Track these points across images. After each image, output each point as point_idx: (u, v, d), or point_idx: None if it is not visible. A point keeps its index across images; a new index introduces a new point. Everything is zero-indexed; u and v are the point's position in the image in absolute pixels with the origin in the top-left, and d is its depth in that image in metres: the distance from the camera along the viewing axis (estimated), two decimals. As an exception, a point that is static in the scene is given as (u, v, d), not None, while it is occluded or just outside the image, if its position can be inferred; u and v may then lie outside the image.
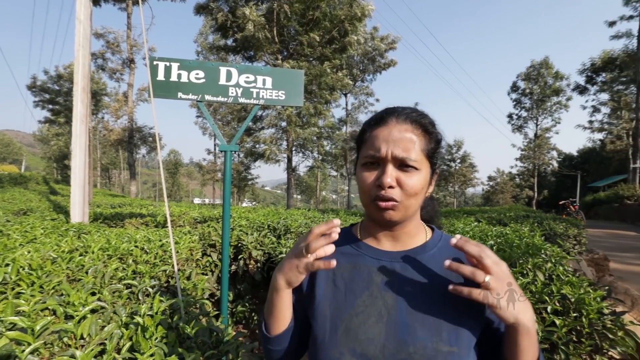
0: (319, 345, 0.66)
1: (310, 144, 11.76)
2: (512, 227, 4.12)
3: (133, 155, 16.68)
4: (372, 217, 0.70)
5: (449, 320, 0.63)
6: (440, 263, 0.67)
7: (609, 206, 17.85)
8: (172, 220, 4.25)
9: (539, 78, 31.81)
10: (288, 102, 2.85)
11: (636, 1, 20.91)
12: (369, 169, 0.67)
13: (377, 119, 0.69)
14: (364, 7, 10.18)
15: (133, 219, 4.15)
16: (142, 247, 2.40)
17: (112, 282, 1.77)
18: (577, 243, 4.67)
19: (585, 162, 36.45)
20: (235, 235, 3.38)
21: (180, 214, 4.82)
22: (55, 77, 25.32)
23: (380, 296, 0.66)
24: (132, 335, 1.25)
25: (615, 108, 26.60)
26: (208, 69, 2.68)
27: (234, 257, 3.29)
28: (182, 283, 2.04)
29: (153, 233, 2.83)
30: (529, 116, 33.39)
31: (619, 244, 8.54)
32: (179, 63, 2.65)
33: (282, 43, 10.43)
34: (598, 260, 4.88)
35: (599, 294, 1.80)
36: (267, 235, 3.65)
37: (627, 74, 24.28)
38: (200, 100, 2.66)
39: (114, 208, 5.92)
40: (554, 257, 2.46)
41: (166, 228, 3.73)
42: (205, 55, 25.98)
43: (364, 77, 24.68)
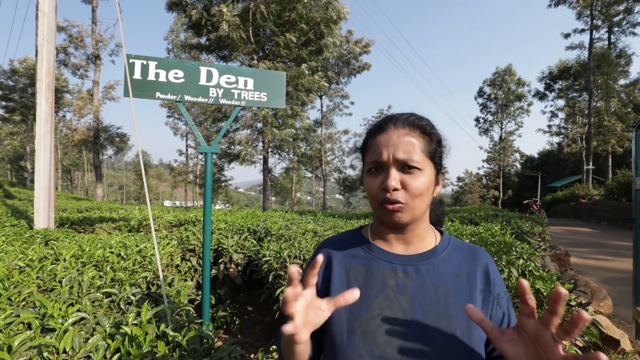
0: (337, 347, 0.66)
1: (287, 145, 11.69)
2: (484, 226, 4.31)
3: (99, 157, 15.83)
4: (382, 221, 0.71)
5: (461, 320, 0.65)
6: (450, 266, 0.70)
7: (566, 205, 19.11)
8: (146, 225, 4.08)
9: (503, 84, 33.60)
10: (270, 104, 2.84)
11: (587, 16, 22.63)
12: (374, 175, 0.69)
13: (377, 126, 0.72)
14: (339, 9, 10.28)
15: (104, 224, 3.95)
16: (118, 253, 2.29)
17: (90, 291, 1.68)
18: (541, 240, 4.97)
19: (544, 163, 38.90)
20: (215, 239, 3.31)
21: (155, 217, 4.64)
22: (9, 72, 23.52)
23: (395, 299, 0.67)
24: (118, 346, 1.20)
25: (571, 114, 28.52)
26: (188, 68, 2.61)
27: (214, 261, 3.21)
28: (165, 289, 1.96)
29: (129, 238, 2.71)
30: (495, 120, 35.13)
31: (577, 240, 9.17)
32: (157, 62, 2.56)
33: (257, 43, 10.30)
34: (560, 255, 5.22)
35: (567, 287, 1.93)
36: (247, 238, 3.60)
37: (580, 83, 26.18)
38: (180, 100, 2.58)
39: (82, 212, 5.59)
40: (524, 254, 2.61)
41: (141, 233, 3.58)
42: (176, 54, 25.16)
43: (339, 79, 24.91)
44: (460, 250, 0.74)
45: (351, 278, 0.71)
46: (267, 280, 2.71)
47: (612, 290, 4.37)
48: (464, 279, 0.69)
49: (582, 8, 22.43)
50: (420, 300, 0.67)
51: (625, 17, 22.66)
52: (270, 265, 2.58)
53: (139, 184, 51.33)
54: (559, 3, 22.95)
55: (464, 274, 0.70)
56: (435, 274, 0.69)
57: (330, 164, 27.67)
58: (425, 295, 0.67)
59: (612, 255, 6.96)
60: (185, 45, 13.24)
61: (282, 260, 2.60)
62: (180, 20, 21.65)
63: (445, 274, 0.70)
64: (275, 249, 2.74)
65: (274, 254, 2.67)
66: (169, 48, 26.48)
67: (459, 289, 0.68)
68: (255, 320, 3.48)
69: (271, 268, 2.57)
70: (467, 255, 0.73)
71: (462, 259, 0.72)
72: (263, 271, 2.62)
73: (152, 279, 2.08)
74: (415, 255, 0.72)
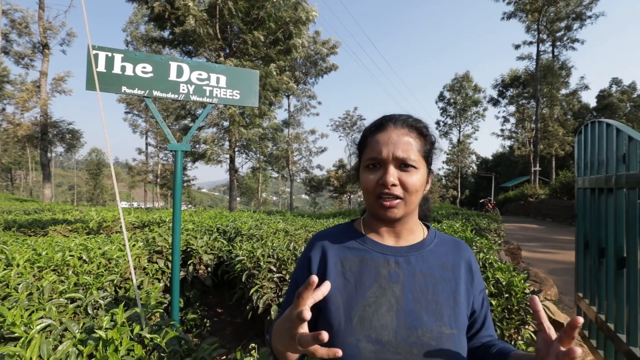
0: (335, 333, 0.69)
1: (254, 144, 11.52)
2: (446, 224, 4.57)
3: (47, 154, 14.56)
4: (377, 215, 0.75)
5: (448, 306, 0.71)
6: (438, 258, 0.77)
7: (517, 203, 20.64)
8: (106, 227, 3.85)
9: (462, 90, 35.59)
10: (243, 102, 2.80)
11: (534, 30, 24.63)
12: (372, 170, 0.73)
13: (377, 125, 0.76)
14: (308, 11, 10.32)
15: (58, 226, 3.66)
16: (79, 256, 2.16)
17: (52, 297, 1.57)
18: (497, 236, 5.34)
19: (498, 165, 41.72)
20: (183, 240, 3.21)
21: (114, 219, 4.38)
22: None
23: (388, 287, 0.72)
24: (91, 351, 1.15)
25: (520, 119, 30.88)
26: (157, 63, 2.51)
27: (182, 263, 3.11)
28: (133, 293, 1.88)
29: (90, 240, 2.55)
30: (454, 123, 37.11)
31: (527, 235, 9.95)
32: (123, 54, 2.44)
33: (224, 40, 10.02)
34: (513, 250, 5.65)
35: (522, 277, 2.11)
36: (217, 238, 3.52)
37: (528, 91, 28.41)
38: (148, 95, 2.48)
39: (30, 214, 5.13)
40: (484, 248, 2.81)
41: (101, 235, 3.37)
42: (135, 46, 23.80)
43: (307, 79, 24.98)
44: (445, 243, 0.81)
45: (346, 269, 0.75)
46: (240, 280, 2.68)
47: (557, 280, 4.82)
48: (449, 269, 0.76)
49: (530, 22, 24.37)
50: (411, 288, 0.72)
51: (566, 33, 24.99)
52: (243, 265, 2.56)
53: (92, 184, 47.82)
54: (510, 17, 24.74)
55: (450, 265, 0.77)
56: (424, 264, 0.75)
57: (297, 164, 27.65)
58: (416, 283, 0.72)
59: (556, 248, 7.65)
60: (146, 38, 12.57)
61: (256, 259, 2.59)
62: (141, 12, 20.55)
63: (432, 264, 0.75)
64: (248, 249, 2.71)
65: (247, 254, 2.65)
66: (128, 40, 25.01)
67: (445, 278, 0.75)
68: (226, 321, 3.41)
69: (244, 268, 2.54)
70: (451, 247, 0.80)
71: (448, 251, 0.79)
72: (236, 271, 2.58)
73: (120, 282, 1.98)
74: (405, 247, 0.77)
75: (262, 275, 2.44)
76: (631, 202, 1.94)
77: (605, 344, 2.29)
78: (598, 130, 2.48)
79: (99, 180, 48.01)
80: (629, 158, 1.95)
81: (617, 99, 40.75)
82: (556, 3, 23.28)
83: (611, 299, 2.19)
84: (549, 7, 23.64)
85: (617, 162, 2.13)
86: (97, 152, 49.71)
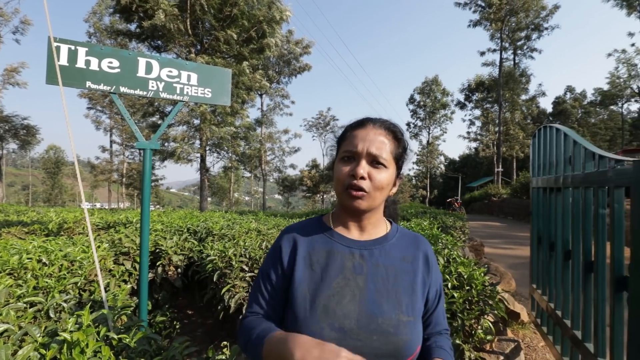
0: (300, 321, 0.73)
1: (226, 143, 11.30)
2: (414, 222, 4.75)
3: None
4: (344, 204, 0.80)
5: (406, 295, 0.77)
6: (399, 251, 0.83)
7: (481, 202, 21.69)
8: (67, 228, 3.65)
9: (431, 93, 36.85)
10: (215, 101, 2.77)
11: (498, 38, 26.02)
12: (346, 162, 0.78)
13: (358, 123, 0.82)
14: (282, 10, 10.29)
15: (12, 228, 3.42)
16: (39, 259, 2.05)
17: (8, 302, 1.50)
18: (462, 233, 5.62)
19: (464, 165, 43.63)
20: (152, 241, 3.12)
21: (76, 220, 4.16)
22: None
23: (352, 278, 0.76)
24: (55, 355, 1.11)
25: (485, 122, 32.51)
26: (124, 58, 2.44)
27: (150, 265, 3.02)
28: (99, 295, 1.82)
29: (50, 242, 2.42)
30: (423, 125, 38.33)
31: (490, 233, 10.51)
32: (88, 48, 2.34)
33: (195, 36, 9.74)
34: (476, 246, 5.96)
35: (482, 271, 2.26)
36: (187, 239, 3.46)
37: (492, 95, 29.96)
38: (114, 92, 2.40)
39: (-22, 216, 4.74)
40: (449, 244, 2.97)
41: (62, 236, 3.20)
42: (99, 39, 22.55)
43: (280, 79, 24.83)
44: (406, 237, 0.88)
45: (314, 261, 0.79)
46: (211, 280, 2.65)
47: (516, 274, 5.15)
48: (409, 261, 0.82)
49: (494, 31, 25.69)
50: (373, 279, 0.77)
51: (526, 43, 26.63)
52: (215, 264, 2.54)
53: (49, 184, 44.70)
54: (476, 24, 25.97)
55: (409, 257, 0.83)
56: (386, 256, 0.81)
57: (270, 164, 27.42)
58: (378, 274, 0.78)
59: (516, 244, 8.15)
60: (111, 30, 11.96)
61: (227, 259, 2.57)
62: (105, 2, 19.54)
63: (394, 257, 0.81)
64: (219, 248, 2.69)
65: (218, 254, 2.63)
66: (90, 32, 23.63)
67: (405, 270, 0.81)
68: (197, 323, 3.35)
69: (216, 267, 2.53)
70: (411, 241, 0.87)
71: (408, 245, 0.85)
72: (207, 271, 2.56)
73: (84, 284, 1.91)
74: (370, 241, 0.82)
75: (234, 274, 2.43)
76: (575, 200, 2.13)
77: (554, 330, 2.50)
78: (549, 134, 2.70)
79: (58, 180, 44.94)
80: (574, 160, 2.15)
81: (571, 105, 43.91)
82: (517, 14, 24.73)
83: (559, 288, 2.39)
84: (511, 17, 25.07)
85: (565, 164, 2.34)
86: (56, 149, 46.48)
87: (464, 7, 25.71)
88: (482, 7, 25.11)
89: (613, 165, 1.61)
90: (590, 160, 1.94)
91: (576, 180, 2.07)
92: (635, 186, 1.28)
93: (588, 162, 1.96)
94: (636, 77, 26.81)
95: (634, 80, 27.23)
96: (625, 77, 27.73)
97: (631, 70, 26.88)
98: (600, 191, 1.80)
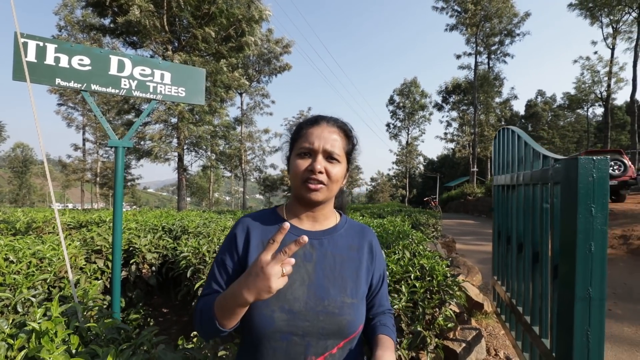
0: (253, 305, 0.78)
1: (205, 142, 11.15)
2: (388, 219, 4.92)
3: (-42, 149, 12.72)
4: (301, 197, 0.86)
5: (351, 280, 0.86)
6: (346, 240, 0.91)
7: (458, 201, 22.39)
8: (36, 227, 3.56)
9: (410, 94, 37.64)
10: (188, 100, 2.81)
11: (473, 43, 26.95)
12: (303, 158, 0.84)
13: (312, 121, 0.89)
14: (261, 10, 10.28)
15: (-24, 228, 3.31)
16: (5, 257, 2.03)
17: (-26, 297, 1.50)
18: (434, 230, 5.86)
19: (442, 166, 44.89)
20: (125, 239, 3.11)
21: (46, 219, 4.06)
22: None
23: (302, 265, 0.84)
24: (23, 344, 1.15)
25: (461, 124, 33.60)
26: (95, 55, 2.44)
27: (124, 263, 3.02)
28: (69, 291, 1.84)
29: (18, 241, 2.39)
30: (403, 126, 39.10)
31: (463, 230, 10.91)
32: (57, 45, 2.34)
33: (173, 33, 9.57)
34: (448, 243, 6.23)
35: (445, 263, 2.42)
36: (162, 237, 3.46)
37: (468, 98, 31.00)
38: (85, 89, 2.40)
39: (-63, 216, 4.52)
40: (416, 240, 3.13)
41: (30, 235, 3.13)
42: (70, 32, 21.65)
43: (260, 78, 24.69)
44: (353, 227, 0.96)
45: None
46: (185, 277, 2.69)
47: (484, 268, 5.42)
48: (355, 250, 0.91)
49: (469, 35, 26.58)
50: (322, 266, 0.85)
51: (499, 48, 27.69)
52: (188, 261, 2.58)
53: (16, 184, 42.46)
54: (453, 28, 26.78)
55: (355, 246, 0.91)
56: (335, 246, 0.89)
57: (250, 163, 27.19)
58: (326, 262, 0.86)
59: (486, 241, 8.51)
60: (83, 24, 11.55)
61: (201, 255, 2.62)
62: (77, -5, 18.80)
63: (342, 246, 0.89)
64: (193, 245, 2.73)
65: (192, 250, 2.66)
66: (61, 25, 22.66)
67: (351, 258, 0.89)
68: (172, 321, 3.36)
69: (189, 264, 2.57)
70: (357, 232, 0.95)
71: (354, 235, 0.94)
72: (181, 268, 2.59)
73: (53, 281, 1.92)
74: (320, 231, 0.90)
75: (207, 270, 2.48)
76: (525, 196, 2.32)
77: (510, 317, 2.69)
78: (507, 136, 2.90)
79: (26, 180, 42.78)
80: (525, 159, 2.34)
81: (541, 108, 45.97)
82: (491, 20, 25.70)
83: (514, 279, 2.59)
84: (485, 23, 26.03)
85: (519, 163, 2.53)
86: (23, 147, 44.20)
87: (441, 11, 26.47)
88: (458, 12, 25.94)
89: (553, 164, 1.78)
90: (537, 159, 2.13)
91: (526, 178, 2.26)
92: (563, 182, 1.45)
93: (536, 162, 2.15)
94: (599, 83, 28.41)
95: (597, 86, 28.85)
96: (590, 82, 29.33)
97: (594, 77, 28.47)
98: (544, 188, 1.98)
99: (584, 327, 1.32)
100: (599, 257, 1.30)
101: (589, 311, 1.32)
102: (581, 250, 1.31)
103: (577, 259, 1.32)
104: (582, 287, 1.32)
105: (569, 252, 1.37)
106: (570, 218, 1.36)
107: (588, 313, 1.32)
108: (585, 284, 1.31)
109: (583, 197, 1.31)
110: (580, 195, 1.31)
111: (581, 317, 1.32)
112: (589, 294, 1.31)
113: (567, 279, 1.38)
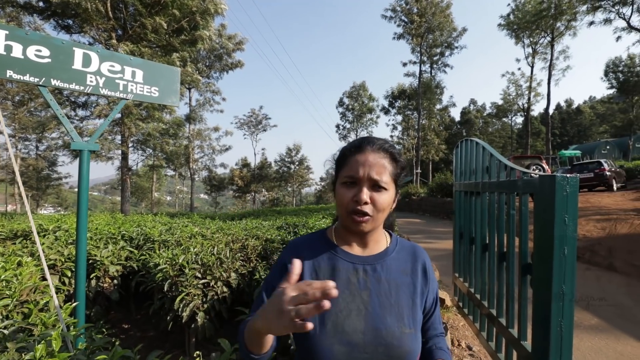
0: (310, 338, 0.76)
1: (154, 140, 10.34)
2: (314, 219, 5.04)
3: None
4: (348, 227, 0.83)
5: (407, 308, 0.82)
6: (399, 264, 0.87)
7: (403, 201, 23.71)
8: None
9: (359, 97, 38.97)
10: (162, 100, 2.64)
11: (417, 52, 28.85)
12: (348, 187, 0.80)
13: (356, 146, 0.84)
14: (217, 3, 9.86)
15: None
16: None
17: None
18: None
19: (388, 167, 47.02)
20: (83, 251, 2.79)
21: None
22: None
23: (357, 294, 0.81)
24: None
25: (406, 127, 35.72)
26: (56, 47, 2.19)
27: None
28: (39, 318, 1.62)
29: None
30: (352, 128, 40.32)
31: (412, 229, 11.64)
32: (8, 31, 2.05)
33: (118, 20, 8.72)
34: (404, 242, 6.60)
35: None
36: (124, 247, 3.18)
37: (412, 103, 33.08)
38: (44, 84, 2.14)
39: None
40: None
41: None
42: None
43: (210, 73, 23.63)
44: (404, 249, 0.92)
45: (320, 277, 0.83)
46: (159, 290, 2.52)
47: (438, 265, 5.86)
48: (408, 274, 0.87)
49: (414, 45, 28.37)
50: (377, 293, 0.82)
51: (440, 58, 30.02)
52: (165, 273, 2.42)
53: None
54: (400, 37, 28.33)
55: (408, 270, 0.88)
56: (388, 270, 0.85)
57: (198, 162, 25.91)
58: (381, 289, 0.82)
59: (435, 238, 9.20)
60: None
61: (179, 266, 2.48)
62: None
63: (394, 270, 0.86)
64: (169, 256, 2.57)
65: (168, 261, 2.51)
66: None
67: (405, 283, 0.85)
68: (136, 337, 3.11)
69: (167, 276, 2.41)
70: (409, 253, 0.91)
71: (406, 258, 0.89)
72: (157, 280, 2.42)
73: (14, 306, 1.68)
74: (372, 256, 0.87)
75: (187, 282, 2.35)
76: (491, 202, 2.59)
77: (473, 310, 2.97)
78: (469, 146, 3.20)
79: None
80: (491, 169, 2.61)
81: (474, 115, 50.77)
82: (434, 32, 27.74)
83: (478, 276, 2.87)
84: (429, 35, 28.01)
85: (483, 172, 2.81)
86: None
87: (389, 20, 27.84)
88: (405, 22, 27.52)
89: (521, 176, 2.03)
90: (503, 170, 2.39)
91: (492, 186, 2.52)
92: (538, 194, 1.67)
93: (501, 172, 2.41)
94: (521, 96, 32.32)
95: (520, 99, 32.79)
96: (514, 95, 33.21)
97: (518, 90, 32.32)
98: (511, 196, 2.24)
99: (558, 319, 1.54)
100: (570, 260, 1.53)
101: (562, 306, 1.54)
102: (557, 254, 1.53)
103: (554, 262, 1.53)
104: (557, 285, 1.53)
105: (546, 255, 1.58)
106: (547, 226, 1.57)
107: (562, 307, 1.54)
108: (559, 282, 1.53)
109: (559, 209, 1.52)
110: (557, 208, 1.52)
111: (556, 311, 1.53)
112: (563, 290, 1.53)
113: (543, 279, 1.59)
